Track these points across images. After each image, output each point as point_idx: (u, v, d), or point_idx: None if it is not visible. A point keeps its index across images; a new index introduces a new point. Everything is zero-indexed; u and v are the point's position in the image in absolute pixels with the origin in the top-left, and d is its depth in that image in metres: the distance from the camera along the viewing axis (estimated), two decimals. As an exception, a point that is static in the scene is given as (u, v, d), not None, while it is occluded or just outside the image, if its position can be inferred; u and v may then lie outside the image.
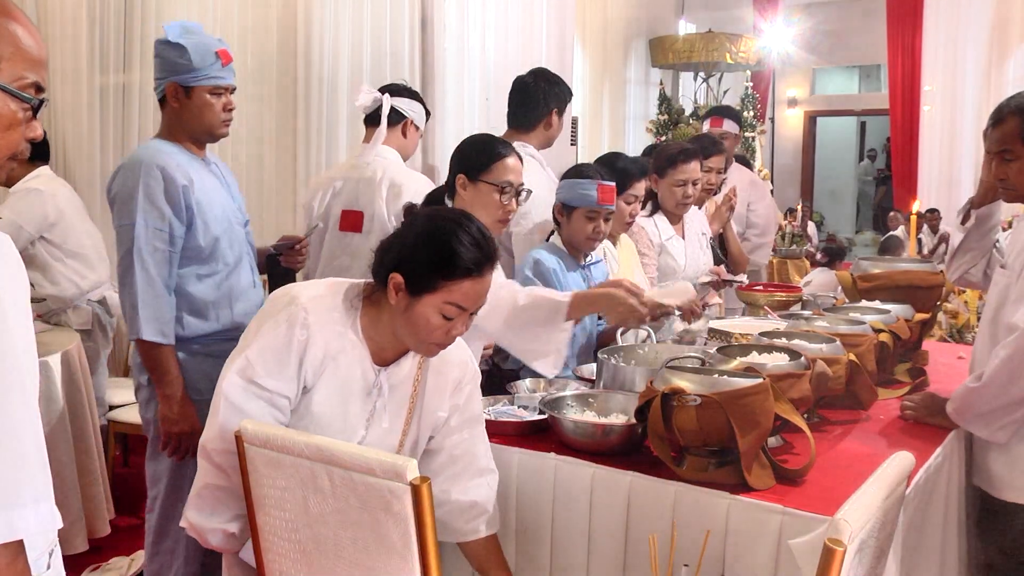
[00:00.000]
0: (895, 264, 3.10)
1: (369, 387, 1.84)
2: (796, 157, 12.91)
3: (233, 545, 1.85)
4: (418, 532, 1.51)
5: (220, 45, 2.51)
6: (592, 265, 2.88)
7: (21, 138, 1.14)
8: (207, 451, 1.78)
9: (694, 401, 1.76)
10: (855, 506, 1.40)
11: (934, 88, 8.38)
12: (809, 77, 12.76)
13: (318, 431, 1.79)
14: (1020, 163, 2.20)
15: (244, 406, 1.75)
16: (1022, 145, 2.18)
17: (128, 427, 3.87)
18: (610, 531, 1.91)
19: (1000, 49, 7.72)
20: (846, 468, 1.95)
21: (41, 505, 1.02)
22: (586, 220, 2.74)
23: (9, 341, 1.01)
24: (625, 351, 2.52)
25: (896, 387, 2.63)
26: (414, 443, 1.93)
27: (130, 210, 2.41)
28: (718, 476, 1.83)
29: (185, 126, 2.52)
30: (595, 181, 2.73)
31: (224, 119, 2.53)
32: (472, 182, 2.43)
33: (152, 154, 2.46)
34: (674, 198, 3.38)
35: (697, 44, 7.70)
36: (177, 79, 2.48)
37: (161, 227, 2.41)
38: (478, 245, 1.74)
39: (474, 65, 4.83)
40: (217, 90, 2.50)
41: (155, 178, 2.40)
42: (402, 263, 1.75)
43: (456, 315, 1.74)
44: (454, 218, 1.80)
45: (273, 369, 1.76)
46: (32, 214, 3.72)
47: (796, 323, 2.65)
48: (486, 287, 1.78)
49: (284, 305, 1.80)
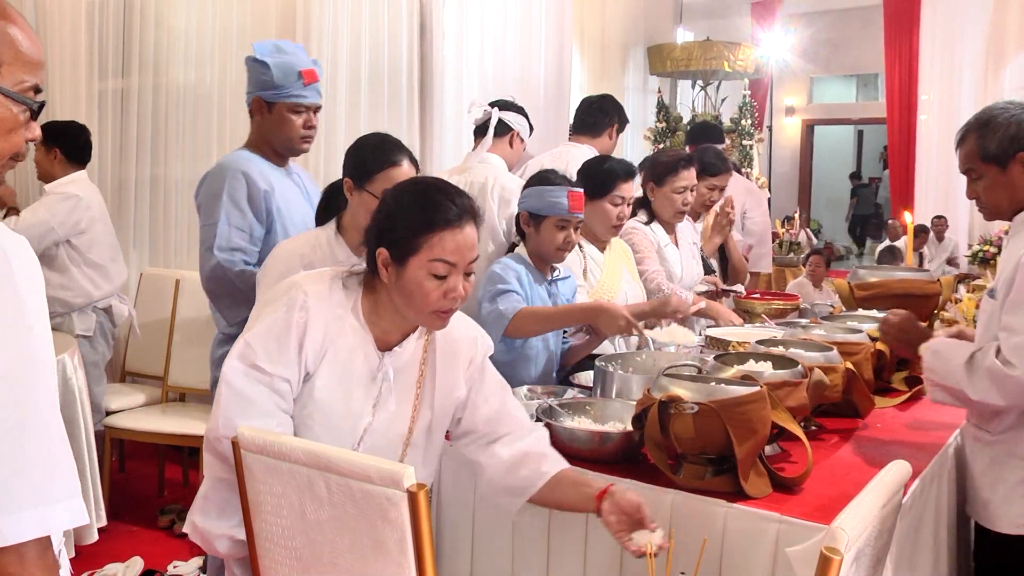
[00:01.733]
0: (892, 273, 3.10)
1: (373, 372, 1.83)
2: (794, 165, 12.93)
3: (239, 551, 1.82)
4: (415, 539, 1.51)
5: (307, 65, 2.64)
6: (559, 280, 2.74)
7: (23, 140, 1.16)
8: (211, 441, 1.77)
9: (691, 409, 1.76)
10: (852, 514, 1.40)
11: (931, 97, 8.41)
12: (807, 86, 12.80)
13: (322, 417, 1.78)
14: (985, 181, 2.12)
15: (245, 391, 1.74)
16: (982, 163, 2.11)
17: (125, 433, 3.86)
18: (607, 539, 1.90)
19: (996, 58, 7.74)
20: (843, 476, 1.95)
21: (71, 501, 1.05)
22: (556, 230, 2.61)
23: (34, 341, 1.04)
24: (623, 359, 2.52)
25: (893, 396, 2.63)
26: (427, 427, 1.90)
27: (215, 210, 2.59)
28: (715, 484, 1.83)
29: (267, 138, 2.69)
30: (565, 188, 2.60)
31: (303, 135, 2.69)
32: (357, 189, 2.33)
33: (236, 161, 2.65)
34: (673, 206, 3.37)
35: (695, 52, 7.72)
36: (261, 94, 2.66)
37: (243, 227, 2.59)
38: (451, 199, 1.75)
39: (472, 72, 4.84)
40: (297, 108, 2.66)
41: (239, 181, 2.59)
42: (383, 236, 1.76)
43: (447, 272, 1.72)
44: (422, 180, 1.85)
45: (273, 352, 1.75)
46: (66, 218, 3.78)
47: (793, 331, 2.65)
48: (470, 240, 1.75)
49: (285, 290, 1.81)
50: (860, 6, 10.21)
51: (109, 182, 4.51)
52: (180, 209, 4.65)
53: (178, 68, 4.57)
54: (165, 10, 4.53)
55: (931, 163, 8.47)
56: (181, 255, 4.65)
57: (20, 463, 1.01)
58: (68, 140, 3.87)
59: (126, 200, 4.58)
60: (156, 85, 4.56)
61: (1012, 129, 2.04)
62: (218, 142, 4.56)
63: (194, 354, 4.01)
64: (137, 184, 4.60)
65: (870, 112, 12.35)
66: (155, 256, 4.69)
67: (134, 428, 3.84)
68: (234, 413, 1.73)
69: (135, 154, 4.57)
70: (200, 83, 4.58)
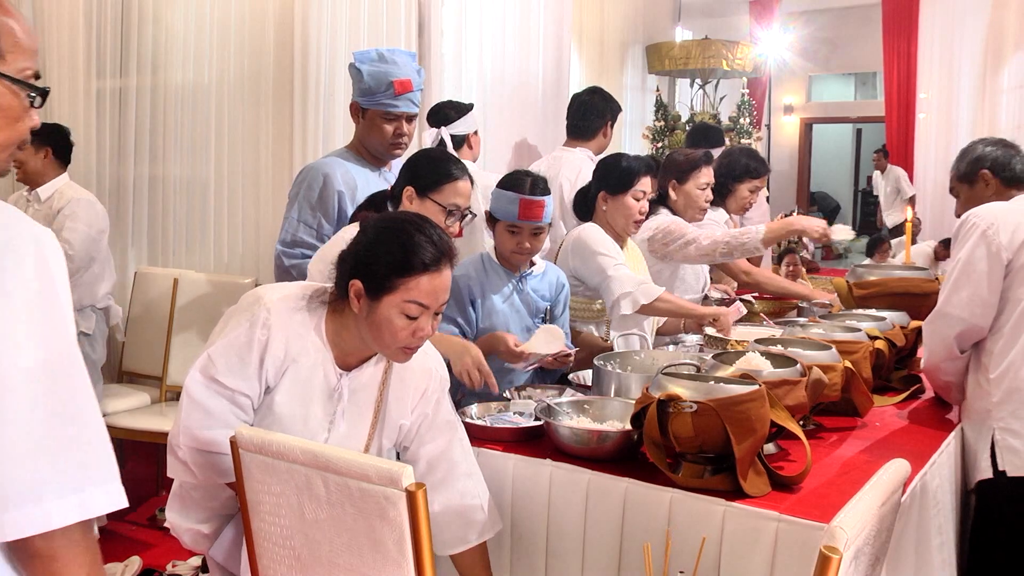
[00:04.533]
0: (891, 272, 3.10)
1: (331, 391, 1.85)
2: (792, 164, 12.92)
3: (203, 545, 1.90)
4: (413, 538, 1.51)
5: (403, 75, 2.75)
6: (529, 277, 2.68)
7: (27, 128, 1.17)
8: (172, 447, 1.81)
9: (690, 408, 1.76)
10: (851, 513, 1.40)
11: (930, 96, 8.40)
12: (805, 84, 12.78)
13: (280, 431, 1.79)
14: (962, 198, 2.64)
15: (206, 403, 1.76)
16: (958, 182, 2.65)
17: (124, 433, 3.86)
18: (605, 537, 1.90)
19: (995, 57, 7.73)
20: (842, 475, 1.95)
21: (109, 485, 1.09)
22: (508, 234, 2.58)
23: (70, 330, 1.08)
24: (621, 357, 2.52)
25: (892, 394, 2.63)
26: (378, 450, 1.93)
27: (291, 206, 2.82)
28: (714, 483, 1.82)
29: (362, 141, 2.88)
30: (518, 195, 2.54)
31: (392, 142, 2.84)
32: (420, 197, 2.38)
33: (323, 162, 2.86)
34: (697, 203, 3.40)
35: (694, 51, 7.70)
36: (357, 100, 2.84)
37: (311, 224, 2.78)
38: (432, 242, 1.75)
39: (471, 71, 4.83)
40: (388, 116, 2.79)
41: (316, 181, 2.78)
42: (359, 268, 1.76)
43: (418, 313, 1.74)
44: (406, 218, 1.83)
45: (235, 367, 1.76)
46: (98, 224, 3.87)
47: (792, 330, 2.65)
48: (445, 283, 1.77)
49: (249, 304, 1.82)
50: (859, 4, 10.21)
51: (107, 181, 4.50)
52: (178, 208, 4.64)
53: (176, 67, 4.56)
54: (163, 9, 4.52)
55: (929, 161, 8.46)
56: (179, 254, 4.64)
57: (63, 449, 1.05)
58: (59, 140, 3.88)
59: (124, 199, 4.57)
60: (154, 84, 4.55)
61: (978, 152, 2.60)
62: (216, 141, 4.55)
63: (193, 353, 3.97)
64: (135, 183, 4.59)
65: (869, 111, 12.35)
66: (153, 255, 4.67)
67: (133, 428, 3.84)
68: (193, 423, 1.76)
69: (133, 153, 4.56)
70: (199, 82, 4.57)
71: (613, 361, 2.45)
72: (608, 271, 2.83)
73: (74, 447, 1.05)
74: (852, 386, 2.31)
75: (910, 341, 2.77)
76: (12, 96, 1.13)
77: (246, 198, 4.55)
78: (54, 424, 1.04)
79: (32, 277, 1.04)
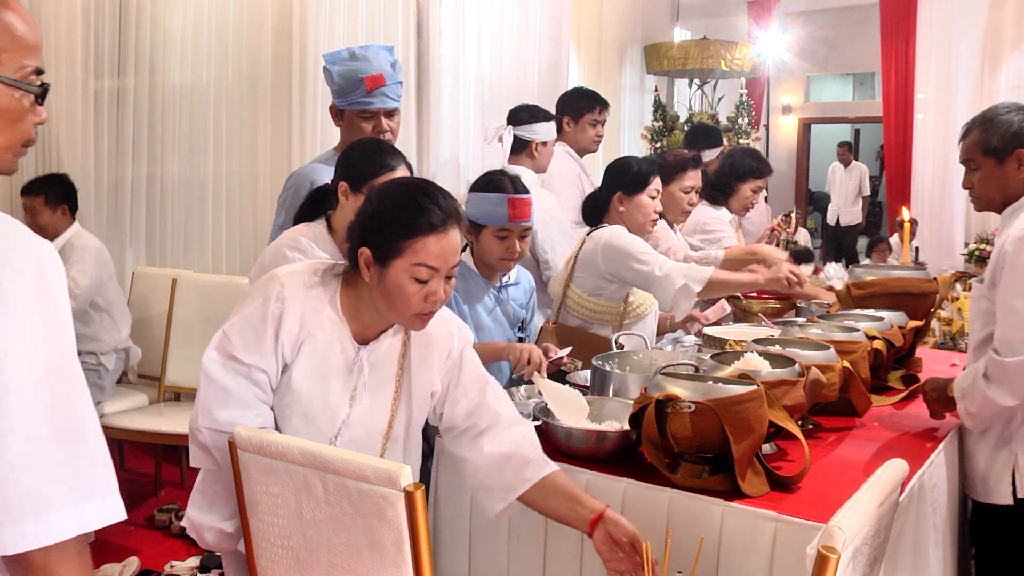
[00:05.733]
0: (889, 271, 3.10)
1: (349, 365, 1.83)
2: (790, 164, 12.92)
3: (228, 544, 1.84)
4: (412, 539, 1.51)
5: (372, 71, 2.67)
6: (509, 287, 2.61)
7: (31, 127, 1.15)
8: (193, 432, 1.78)
9: (688, 408, 1.76)
10: (849, 513, 1.40)
11: (927, 96, 8.39)
12: (803, 84, 12.78)
13: (300, 408, 1.79)
14: (982, 172, 2.30)
15: (224, 382, 1.74)
16: (982, 155, 2.28)
17: (123, 433, 3.86)
18: (604, 538, 1.90)
19: (993, 57, 7.73)
20: (840, 475, 1.96)
21: (108, 497, 1.08)
22: (497, 239, 2.46)
23: (69, 343, 1.07)
24: (620, 357, 2.52)
25: (890, 394, 2.63)
26: (406, 423, 1.90)
27: (279, 211, 2.76)
28: (712, 483, 1.83)
29: (345, 142, 2.74)
30: (506, 195, 2.44)
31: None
32: (355, 192, 2.28)
33: (311, 168, 2.79)
34: (680, 205, 3.41)
35: (692, 51, 7.70)
36: (335, 101, 2.77)
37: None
38: (437, 203, 1.73)
39: (469, 71, 4.83)
40: (364, 114, 2.71)
41: (303, 187, 2.65)
42: (366, 236, 1.75)
43: (429, 276, 1.72)
44: (410, 183, 1.84)
45: (251, 342, 1.75)
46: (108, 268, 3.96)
47: (790, 330, 2.65)
48: (454, 245, 1.75)
49: (264, 282, 1.82)
50: (857, 5, 10.20)
51: (105, 181, 4.50)
52: (176, 208, 4.64)
53: (174, 67, 4.56)
54: (161, 9, 4.52)
55: (927, 161, 8.45)
56: (177, 254, 4.64)
57: (61, 462, 1.04)
58: (69, 194, 3.95)
59: (122, 199, 4.57)
60: (152, 84, 4.55)
61: (1014, 127, 2.23)
62: (214, 141, 4.56)
63: (191, 353, 4.00)
64: (133, 183, 4.59)
65: (867, 111, 12.34)
66: (151, 255, 4.67)
67: (131, 428, 3.84)
68: (213, 404, 1.74)
69: (131, 153, 4.56)
70: (196, 82, 4.57)
71: (612, 361, 2.45)
72: (656, 272, 2.74)
73: (75, 461, 1.05)
74: (850, 386, 2.31)
75: (908, 341, 2.77)
76: (11, 98, 1.11)
77: (244, 198, 4.56)
78: (55, 438, 1.03)
79: (32, 291, 1.03)
